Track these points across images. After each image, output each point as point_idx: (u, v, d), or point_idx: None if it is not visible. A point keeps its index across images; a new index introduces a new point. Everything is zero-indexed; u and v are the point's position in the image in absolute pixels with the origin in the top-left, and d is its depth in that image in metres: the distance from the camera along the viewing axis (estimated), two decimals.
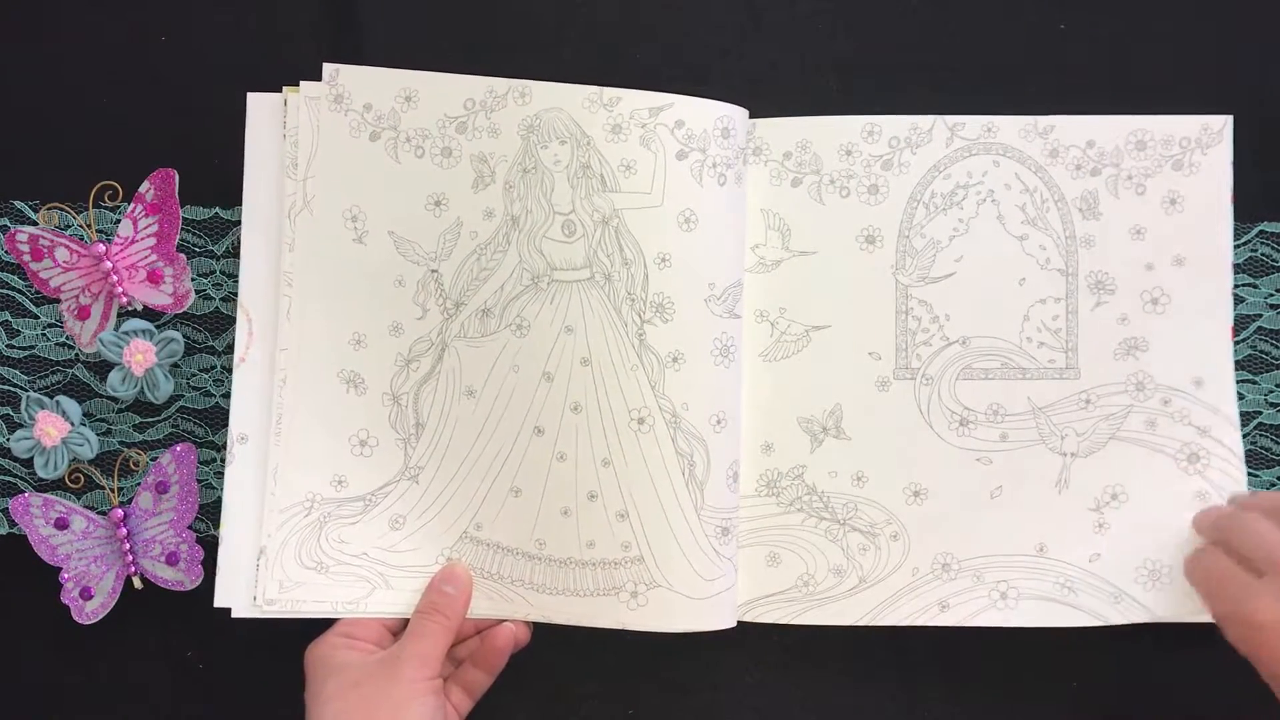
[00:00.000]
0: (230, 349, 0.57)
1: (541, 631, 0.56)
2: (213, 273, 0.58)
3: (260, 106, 0.56)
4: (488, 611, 0.55)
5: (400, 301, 0.55)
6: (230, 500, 0.55)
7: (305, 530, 0.55)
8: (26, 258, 0.56)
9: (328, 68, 0.55)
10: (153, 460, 0.57)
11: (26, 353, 0.58)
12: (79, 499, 0.57)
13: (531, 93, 0.55)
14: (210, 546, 0.56)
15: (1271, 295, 0.59)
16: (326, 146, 0.55)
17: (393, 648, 0.53)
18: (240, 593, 0.55)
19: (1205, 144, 0.57)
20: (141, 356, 0.56)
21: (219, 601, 0.55)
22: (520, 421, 0.55)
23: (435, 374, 0.56)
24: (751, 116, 0.57)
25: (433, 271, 0.55)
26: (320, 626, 0.54)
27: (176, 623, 0.58)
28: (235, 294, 0.57)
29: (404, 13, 0.59)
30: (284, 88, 0.56)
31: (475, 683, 0.55)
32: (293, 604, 0.55)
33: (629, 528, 0.55)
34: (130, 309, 0.57)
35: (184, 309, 0.57)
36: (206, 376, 0.58)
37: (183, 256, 0.57)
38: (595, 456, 0.55)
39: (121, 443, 0.58)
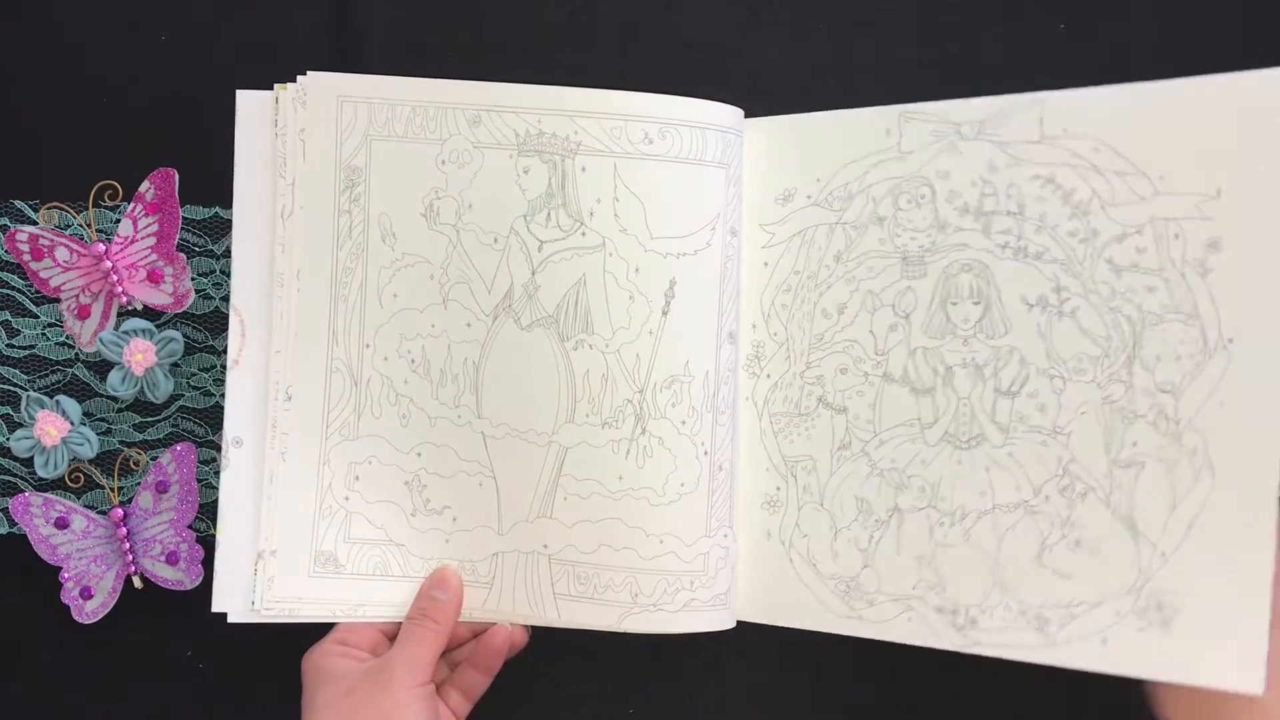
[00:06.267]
0: None
1: (541, 631, 0.56)
2: (212, 272, 0.58)
3: (250, 104, 0.54)
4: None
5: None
6: (226, 504, 0.55)
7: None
8: (26, 257, 0.56)
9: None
10: (153, 460, 0.57)
11: (26, 352, 0.58)
12: (79, 498, 0.57)
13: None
14: (210, 546, 0.56)
15: None
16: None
17: (384, 655, 0.53)
18: (237, 598, 0.55)
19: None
20: (141, 356, 0.56)
21: (216, 606, 0.55)
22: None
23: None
24: (749, 116, 0.56)
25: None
26: (319, 631, 0.54)
27: (176, 623, 0.58)
28: None
29: (404, 12, 0.59)
30: (275, 85, 0.54)
31: (472, 685, 0.55)
32: (290, 610, 0.55)
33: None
34: (130, 308, 0.57)
35: (184, 309, 0.57)
36: (206, 376, 0.58)
37: (183, 256, 0.57)
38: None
39: (121, 442, 0.58)
